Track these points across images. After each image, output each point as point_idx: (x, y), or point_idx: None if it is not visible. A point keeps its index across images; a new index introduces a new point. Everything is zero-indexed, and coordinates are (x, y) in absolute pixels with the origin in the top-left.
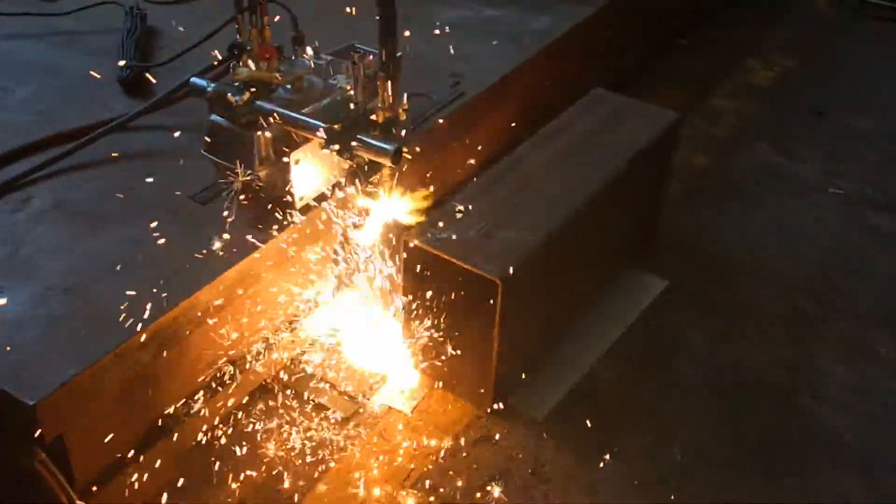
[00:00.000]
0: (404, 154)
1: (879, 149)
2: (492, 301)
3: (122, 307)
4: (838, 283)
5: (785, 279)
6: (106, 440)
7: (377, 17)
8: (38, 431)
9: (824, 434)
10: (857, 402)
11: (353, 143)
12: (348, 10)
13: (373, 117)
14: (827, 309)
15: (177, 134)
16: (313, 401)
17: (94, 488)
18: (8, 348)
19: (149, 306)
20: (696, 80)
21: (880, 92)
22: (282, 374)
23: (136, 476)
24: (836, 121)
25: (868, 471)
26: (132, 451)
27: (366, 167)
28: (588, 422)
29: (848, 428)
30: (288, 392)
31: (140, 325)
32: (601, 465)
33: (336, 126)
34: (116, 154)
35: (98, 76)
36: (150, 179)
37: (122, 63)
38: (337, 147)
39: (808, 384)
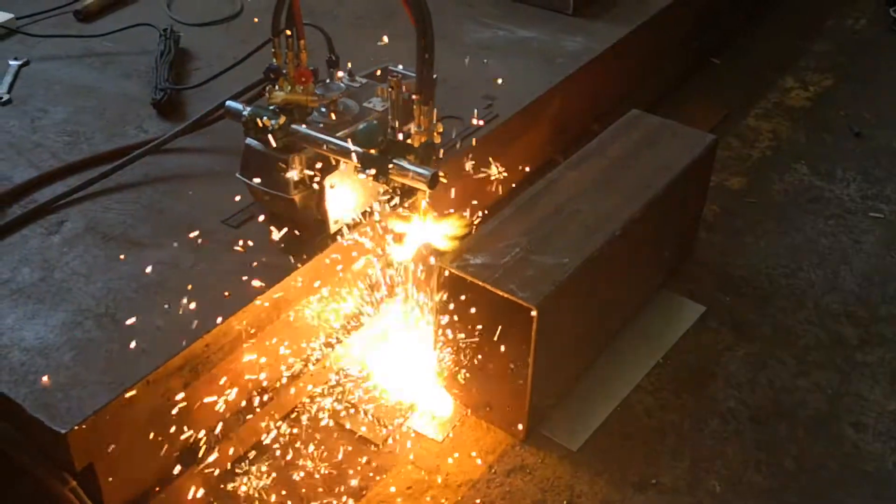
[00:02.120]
0: (440, 178)
1: None
2: (527, 328)
3: (153, 333)
4: (878, 309)
5: (823, 304)
6: (136, 467)
7: (417, 39)
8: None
9: (866, 463)
10: None
11: (389, 168)
12: (380, 31)
13: (409, 141)
14: (866, 335)
15: (210, 156)
16: (344, 428)
17: None
18: (41, 375)
19: (181, 332)
20: (731, 99)
21: None
22: (313, 401)
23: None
24: (874, 140)
25: None
26: (162, 478)
27: (401, 191)
28: (624, 451)
29: (891, 457)
30: (318, 419)
31: (172, 352)
32: (638, 496)
33: (372, 151)
34: (150, 176)
35: (132, 98)
36: (182, 202)
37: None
38: (373, 172)
39: (849, 412)
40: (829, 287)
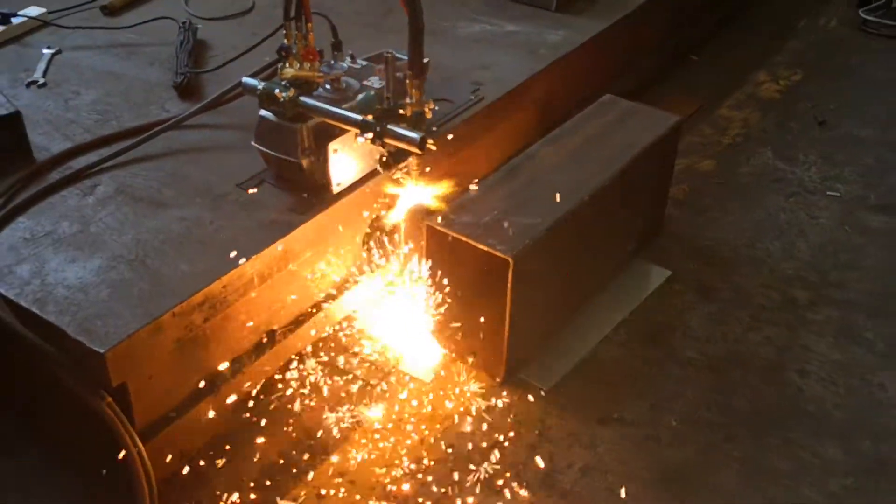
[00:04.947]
0: (429, 145)
1: (876, 155)
2: (504, 279)
3: (178, 275)
4: (829, 275)
5: (779, 270)
6: (162, 390)
7: (409, 21)
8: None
9: (808, 405)
10: (841, 378)
11: (384, 132)
12: (381, 21)
13: (402, 112)
14: (817, 297)
15: (225, 131)
16: (343, 369)
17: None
18: (83, 308)
19: (201, 274)
20: (705, 91)
21: (880, 103)
22: (315, 345)
23: (186, 426)
24: (837, 129)
25: (848, 437)
26: (184, 402)
27: (395, 155)
28: (592, 392)
29: (831, 400)
30: (320, 361)
31: (194, 290)
32: (602, 429)
33: (369, 117)
34: (172, 148)
35: (155, 83)
36: (201, 170)
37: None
38: (370, 136)
39: (796, 361)
40: (786, 256)
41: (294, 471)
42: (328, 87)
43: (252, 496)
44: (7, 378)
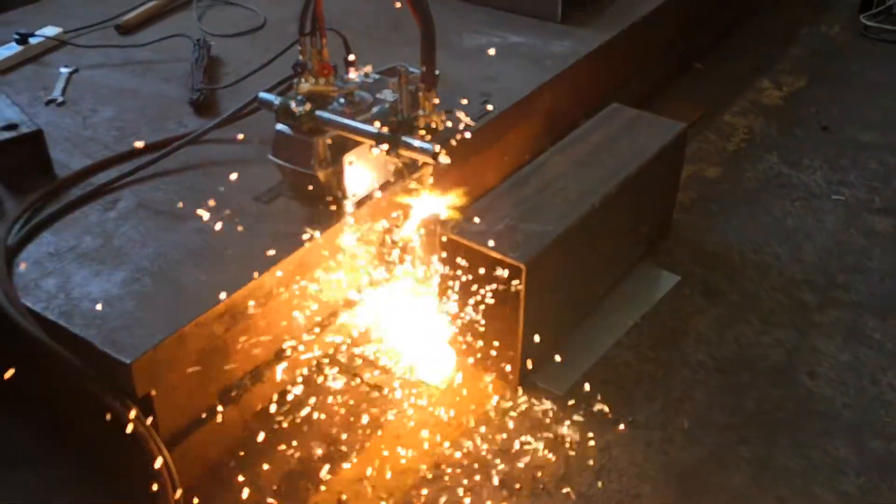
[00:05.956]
0: (442, 156)
1: (879, 159)
2: (517, 285)
3: (200, 286)
4: (836, 278)
5: (786, 273)
6: (185, 400)
7: (421, 35)
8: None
9: (818, 405)
10: (850, 379)
11: (399, 144)
12: (390, 35)
13: (415, 124)
14: (825, 299)
15: (242, 146)
16: (358, 377)
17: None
18: (108, 320)
19: (223, 286)
20: (710, 99)
21: (883, 107)
22: (331, 353)
23: (208, 435)
24: (840, 134)
25: (857, 436)
26: (206, 411)
27: (409, 166)
28: (604, 395)
29: (840, 400)
30: (336, 368)
31: (216, 301)
32: (615, 431)
33: (384, 129)
34: (190, 163)
35: (171, 99)
36: (219, 184)
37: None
38: (385, 147)
39: (805, 363)
40: (793, 259)
41: (314, 477)
42: (342, 100)
43: (273, 503)
44: (30, 390)
